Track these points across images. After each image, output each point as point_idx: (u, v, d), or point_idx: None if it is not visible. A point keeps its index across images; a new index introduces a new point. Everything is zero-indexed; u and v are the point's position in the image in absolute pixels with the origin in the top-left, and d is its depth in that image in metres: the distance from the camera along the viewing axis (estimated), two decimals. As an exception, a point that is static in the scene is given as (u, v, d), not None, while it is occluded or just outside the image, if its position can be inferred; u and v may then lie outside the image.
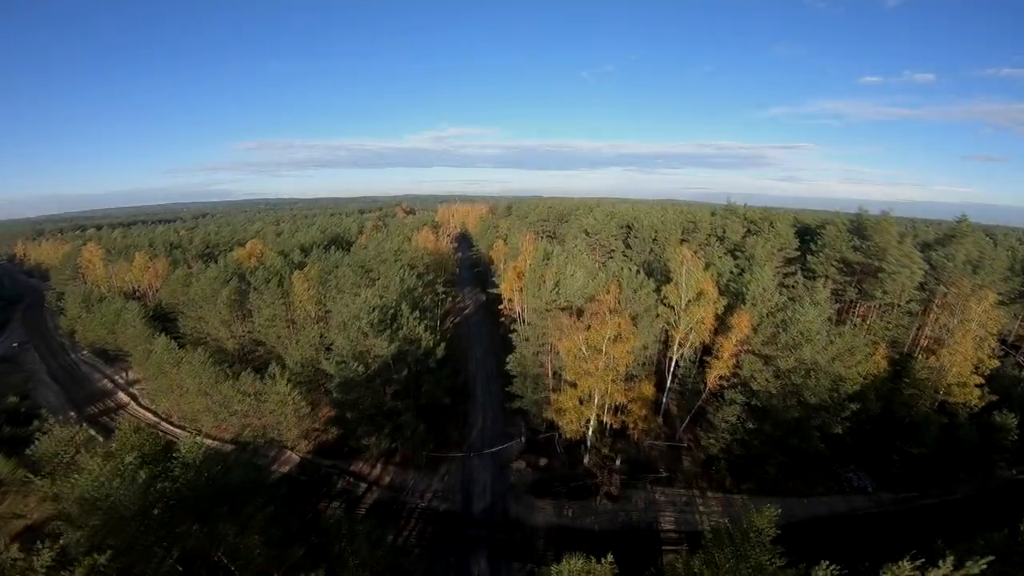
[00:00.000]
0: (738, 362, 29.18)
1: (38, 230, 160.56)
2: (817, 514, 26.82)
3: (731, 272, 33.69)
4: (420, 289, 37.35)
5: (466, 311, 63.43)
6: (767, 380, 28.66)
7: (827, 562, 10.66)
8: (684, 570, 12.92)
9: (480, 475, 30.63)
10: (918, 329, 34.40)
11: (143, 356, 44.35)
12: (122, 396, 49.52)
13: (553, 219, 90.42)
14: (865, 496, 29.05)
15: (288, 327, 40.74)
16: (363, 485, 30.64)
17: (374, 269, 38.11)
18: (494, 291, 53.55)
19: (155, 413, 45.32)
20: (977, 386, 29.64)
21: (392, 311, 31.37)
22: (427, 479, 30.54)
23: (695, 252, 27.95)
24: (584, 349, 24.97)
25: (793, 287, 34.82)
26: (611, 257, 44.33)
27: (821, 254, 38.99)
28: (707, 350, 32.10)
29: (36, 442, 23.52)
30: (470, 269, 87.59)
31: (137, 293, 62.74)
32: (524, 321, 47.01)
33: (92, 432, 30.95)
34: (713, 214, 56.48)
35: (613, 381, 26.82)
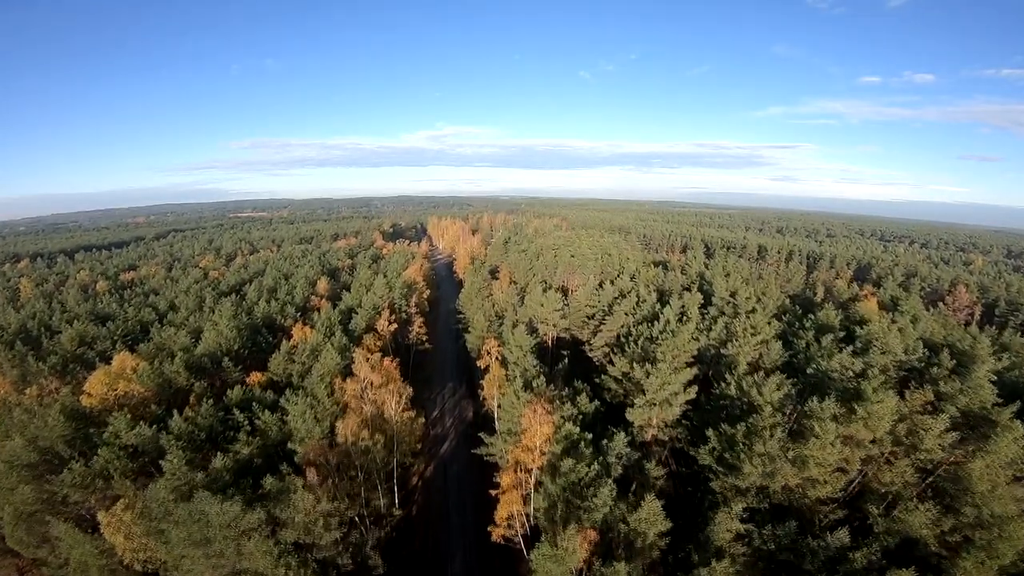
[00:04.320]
0: None
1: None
2: None
3: None
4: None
5: (443, 446, 44.08)
6: None
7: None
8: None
9: None
10: None
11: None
12: None
13: (561, 268, 71.31)
14: None
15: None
16: None
17: (228, 548, 18.91)
18: (483, 450, 34.65)
19: None
20: None
21: None
22: None
23: None
24: None
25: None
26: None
27: None
28: None
29: None
30: (455, 340, 68.25)
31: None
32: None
33: None
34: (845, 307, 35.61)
35: None
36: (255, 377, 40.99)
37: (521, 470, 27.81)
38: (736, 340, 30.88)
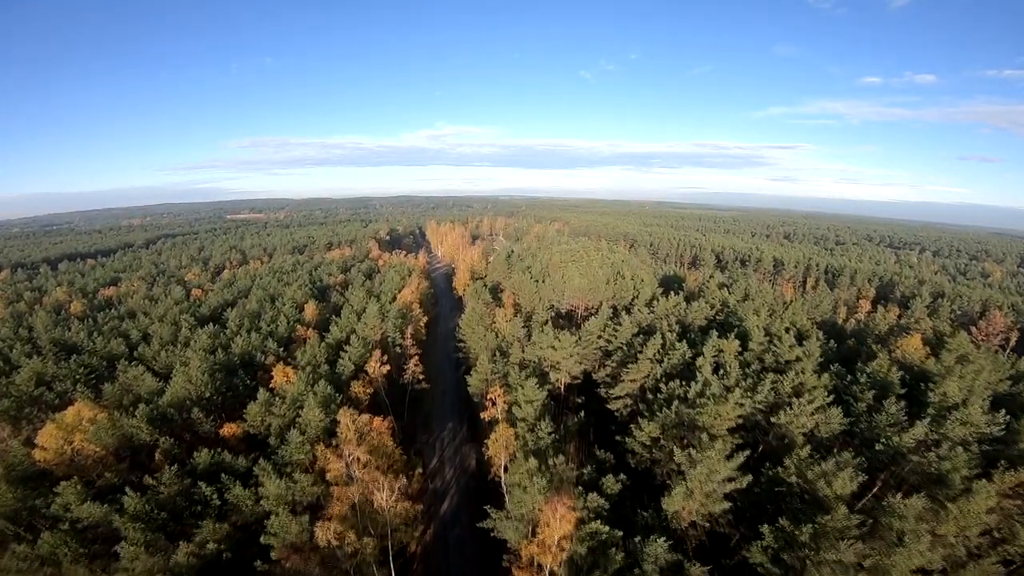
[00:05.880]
0: None
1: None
2: None
3: None
4: None
5: (444, 504, 39.33)
6: None
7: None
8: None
9: None
10: None
11: None
12: None
13: (569, 292, 66.68)
14: None
15: None
16: None
17: None
18: (489, 523, 30.00)
19: None
20: None
21: None
22: None
23: None
24: None
25: None
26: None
27: None
28: None
29: None
30: (455, 369, 63.67)
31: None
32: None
33: None
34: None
35: None
36: (229, 429, 36.34)
37: (536, 569, 23.29)
38: (790, 408, 26.27)
